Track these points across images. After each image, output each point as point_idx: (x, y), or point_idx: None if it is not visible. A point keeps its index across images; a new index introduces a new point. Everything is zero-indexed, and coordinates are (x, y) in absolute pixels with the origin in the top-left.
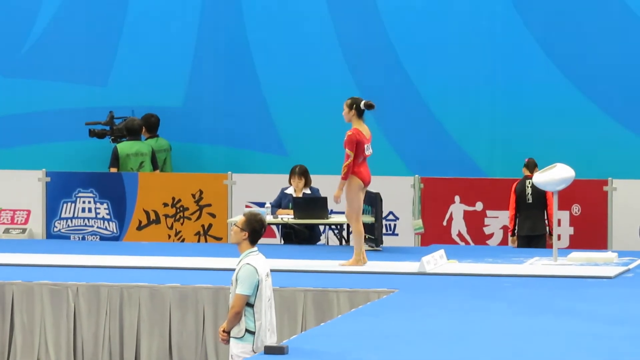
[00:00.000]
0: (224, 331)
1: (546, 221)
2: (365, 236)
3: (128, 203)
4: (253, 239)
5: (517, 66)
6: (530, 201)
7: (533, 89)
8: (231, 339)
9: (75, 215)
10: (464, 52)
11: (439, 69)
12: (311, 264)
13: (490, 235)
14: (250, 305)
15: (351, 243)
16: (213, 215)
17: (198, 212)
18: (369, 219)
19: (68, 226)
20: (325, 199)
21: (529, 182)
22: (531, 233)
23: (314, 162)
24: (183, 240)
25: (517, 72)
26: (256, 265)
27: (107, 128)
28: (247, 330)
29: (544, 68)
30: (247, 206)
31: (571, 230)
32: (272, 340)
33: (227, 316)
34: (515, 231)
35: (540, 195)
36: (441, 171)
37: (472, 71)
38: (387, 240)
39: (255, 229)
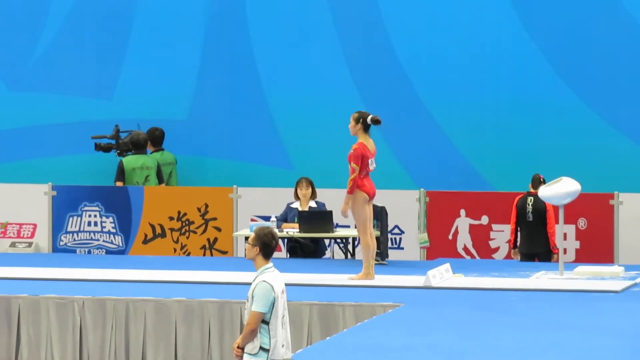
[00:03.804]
0: (238, 347)
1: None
2: None
3: (134, 217)
4: (266, 254)
5: (523, 79)
6: (531, 219)
7: (539, 102)
8: (245, 354)
9: (81, 229)
10: (469, 66)
11: (444, 83)
12: (317, 278)
13: (496, 249)
14: (265, 322)
15: (357, 257)
16: (218, 229)
17: (204, 226)
18: (375, 232)
19: (74, 240)
20: (330, 212)
21: (531, 199)
22: (532, 251)
23: (320, 176)
24: (189, 254)
25: (523, 85)
26: (272, 283)
27: (113, 142)
28: (261, 348)
29: (550, 81)
30: (252, 220)
31: (577, 244)
32: (287, 356)
33: (243, 332)
34: (517, 245)
35: (541, 213)
36: (447, 185)
37: (478, 84)
38: (393, 254)
39: (265, 243)
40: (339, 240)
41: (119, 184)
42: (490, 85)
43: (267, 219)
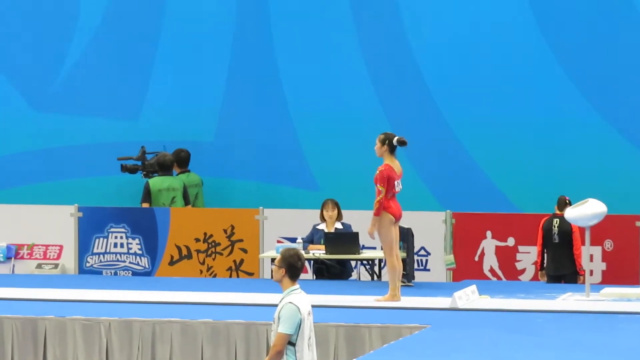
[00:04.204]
0: None
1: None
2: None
3: (160, 238)
4: (292, 275)
5: (548, 101)
6: (557, 241)
7: (565, 124)
8: None
9: (108, 251)
10: (495, 87)
11: (470, 104)
12: (343, 299)
13: (522, 271)
14: (292, 344)
15: (383, 278)
16: (245, 251)
17: (230, 248)
18: (401, 254)
19: (100, 261)
20: (356, 234)
21: (557, 220)
22: (558, 273)
23: (346, 197)
24: (215, 276)
25: (549, 106)
26: (298, 304)
27: (139, 163)
28: None
29: (576, 103)
30: (278, 242)
31: (603, 266)
32: None
33: (269, 354)
34: (544, 267)
35: (567, 234)
36: (473, 206)
37: (504, 106)
38: (419, 276)
39: (291, 264)
40: (365, 262)
41: (145, 205)
42: (515, 107)
43: (293, 240)
